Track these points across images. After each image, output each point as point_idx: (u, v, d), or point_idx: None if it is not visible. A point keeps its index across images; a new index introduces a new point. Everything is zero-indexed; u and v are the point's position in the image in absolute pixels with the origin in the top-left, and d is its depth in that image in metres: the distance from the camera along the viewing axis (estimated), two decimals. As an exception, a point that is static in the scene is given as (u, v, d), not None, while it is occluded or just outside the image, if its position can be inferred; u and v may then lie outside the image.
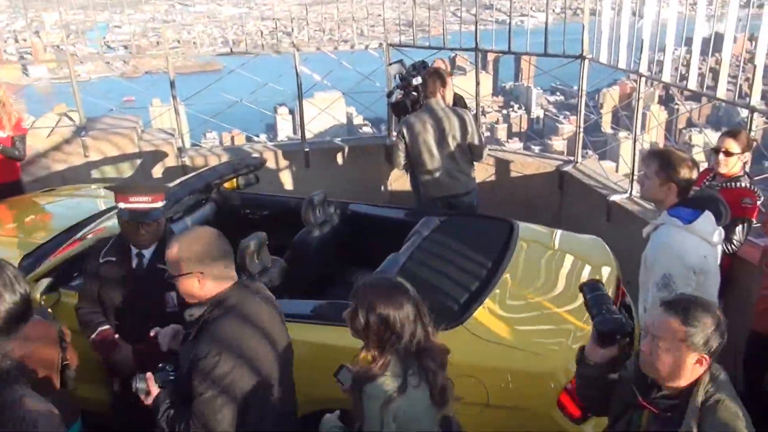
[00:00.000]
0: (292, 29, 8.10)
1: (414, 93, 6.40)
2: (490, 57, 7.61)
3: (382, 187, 8.24)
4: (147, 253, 3.79)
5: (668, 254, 3.64)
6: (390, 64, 6.58)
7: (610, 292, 4.30)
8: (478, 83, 7.90)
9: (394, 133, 8.17)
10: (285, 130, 32.92)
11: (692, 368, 2.44)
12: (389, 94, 6.70)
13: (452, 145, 5.81)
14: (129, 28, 8.73)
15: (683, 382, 2.48)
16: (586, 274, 4.62)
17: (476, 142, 5.89)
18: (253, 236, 4.54)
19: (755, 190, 4.80)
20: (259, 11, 8.05)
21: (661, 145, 6.55)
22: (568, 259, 4.85)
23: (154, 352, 3.20)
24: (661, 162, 3.69)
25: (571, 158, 7.55)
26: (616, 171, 8.10)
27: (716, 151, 4.80)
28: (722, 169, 4.81)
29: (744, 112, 5.68)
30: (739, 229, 4.69)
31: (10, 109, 6.34)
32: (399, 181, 7.96)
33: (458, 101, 6.61)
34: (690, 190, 3.76)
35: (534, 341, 4.02)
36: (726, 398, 2.45)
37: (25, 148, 6.50)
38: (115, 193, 3.75)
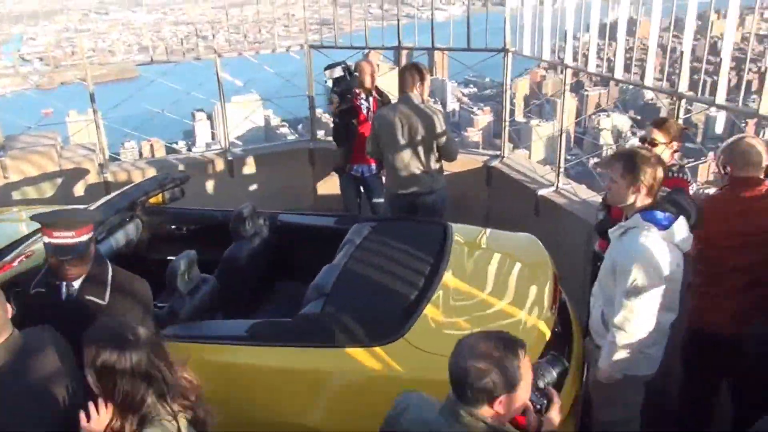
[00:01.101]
0: (212, 35, 7.87)
1: (349, 96, 6.34)
2: (404, 52, 7.68)
3: (310, 192, 8.12)
4: (76, 284, 3.59)
5: (641, 262, 3.49)
6: (326, 69, 6.45)
7: (546, 290, 4.34)
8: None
9: (320, 138, 8.11)
10: (203, 135, 32.40)
11: None
12: (329, 101, 6.58)
13: (419, 142, 5.69)
14: (44, 40, 8.40)
15: None
16: (523, 273, 4.61)
17: (446, 142, 5.78)
18: (183, 255, 4.37)
19: (686, 177, 4.78)
20: (174, 16, 7.79)
21: (571, 132, 6.54)
22: (504, 259, 4.81)
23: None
24: (626, 164, 3.58)
25: (498, 152, 7.56)
26: (529, 158, 8.19)
27: (642, 141, 4.79)
28: None
29: (649, 94, 5.82)
30: None
31: None
32: (326, 184, 7.86)
33: (384, 97, 6.58)
34: (659, 190, 3.64)
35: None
36: None
37: None
38: (41, 226, 3.54)
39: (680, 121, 5.06)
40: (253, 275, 5.07)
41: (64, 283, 3.59)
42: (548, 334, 3.99)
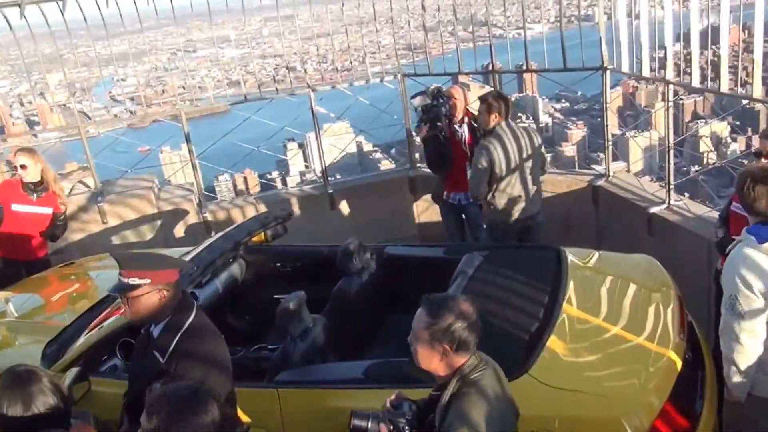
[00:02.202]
0: (303, 68, 7.90)
1: (439, 123, 6.19)
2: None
3: (412, 221, 8.04)
4: (155, 331, 3.44)
5: (735, 274, 3.40)
6: (413, 97, 6.36)
7: (672, 314, 4.09)
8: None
9: (419, 165, 7.99)
10: (296, 164, 32.75)
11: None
12: (418, 129, 6.46)
13: (529, 164, 5.67)
14: (134, 80, 8.55)
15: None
16: (645, 297, 4.37)
17: (545, 156, 5.84)
18: (292, 296, 4.33)
19: None
20: (261, 50, 7.88)
21: (670, 139, 6.24)
22: (624, 284, 4.57)
23: None
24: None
25: (601, 171, 7.30)
26: (628, 171, 7.90)
27: (758, 155, 4.50)
28: None
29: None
30: None
31: (55, 186, 6.18)
32: (426, 212, 7.77)
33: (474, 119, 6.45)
34: None
35: (605, 384, 3.68)
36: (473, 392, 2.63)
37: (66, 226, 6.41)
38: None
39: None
40: (364, 311, 5.00)
41: (152, 325, 3.47)
42: (679, 363, 3.75)
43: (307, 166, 30.21)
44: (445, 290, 4.43)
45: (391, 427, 2.75)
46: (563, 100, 39.93)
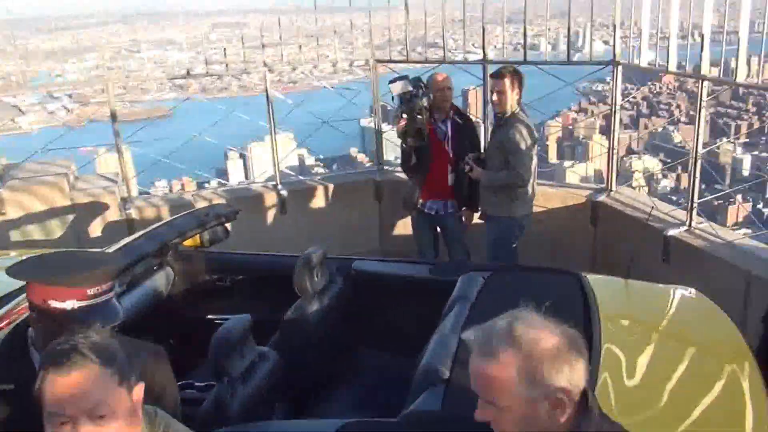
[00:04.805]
0: (265, 65, 6.74)
1: (419, 117, 5.11)
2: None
3: (376, 232, 6.89)
4: None
5: None
6: (392, 81, 5.26)
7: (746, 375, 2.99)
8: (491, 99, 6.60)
9: (388, 168, 6.92)
10: (236, 175, 31.56)
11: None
12: (396, 120, 5.38)
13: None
14: (73, 77, 7.49)
15: None
16: (706, 347, 3.26)
17: None
18: (234, 321, 3.12)
19: None
20: (207, 56, 6.87)
21: (699, 148, 5.24)
22: (672, 325, 3.48)
23: None
24: None
25: (602, 185, 6.27)
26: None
27: None
28: None
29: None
30: None
31: None
32: (396, 223, 6.62)
33: (466, 120, 5.58)
34: None
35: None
36: None
37: None
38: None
39: None
40: (326, 343, 3.79)
41: None
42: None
43: (247, 175, 29.23)
44: (436, 319, 3.34)
45: None
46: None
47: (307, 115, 7.31)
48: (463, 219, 5.68)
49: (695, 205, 5.33)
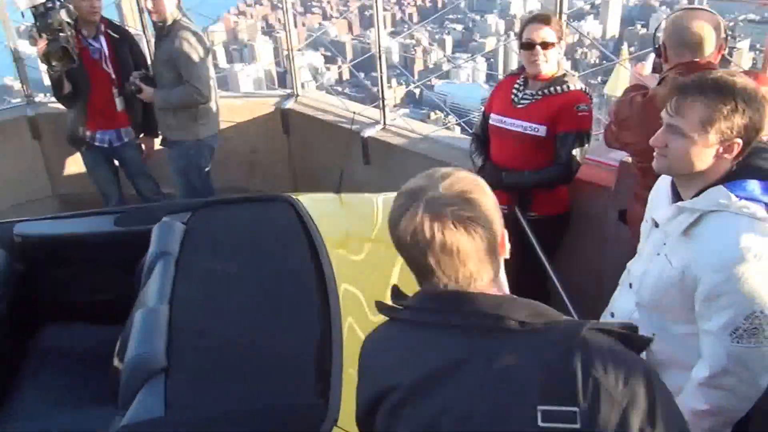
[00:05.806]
0: None
1: (62, 33, 4.26)
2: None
3: (42, 180, 5.81)
4: None
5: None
6: None
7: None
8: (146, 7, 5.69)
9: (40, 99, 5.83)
10: None
11: None
12: (32, 41, 4.40)
13: None
14: None
15: None
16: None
17: None
18: None
19: (587, 91, 3.57)
20: None
21: (383, 44, 5.04)
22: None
23: None
24: (724, 100, 1.84)
25: (289, 90, 5.85)
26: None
27: (528, 46, 3.43)
28: (543, 69, 3.49)
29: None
30: (576, 145, 3.47)
31: None
32: (66, 164, 5.65)
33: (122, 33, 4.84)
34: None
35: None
36: None
37: None
38: None
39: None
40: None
41: None
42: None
43: None
44: (131, 287, 2.85)
45: None
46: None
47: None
48: (143, 148, 5.03)
49: (386, 102, 5.14)
